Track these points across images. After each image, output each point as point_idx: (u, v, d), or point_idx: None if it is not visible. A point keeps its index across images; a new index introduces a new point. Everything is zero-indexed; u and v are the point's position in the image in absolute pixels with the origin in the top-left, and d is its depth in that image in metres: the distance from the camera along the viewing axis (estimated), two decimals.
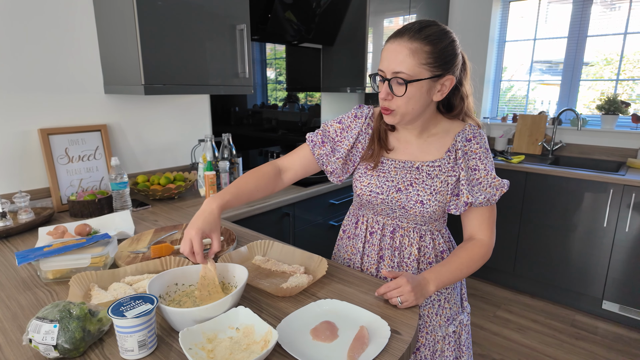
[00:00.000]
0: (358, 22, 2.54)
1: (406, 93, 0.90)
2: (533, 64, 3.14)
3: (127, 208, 1.56)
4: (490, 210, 1.01)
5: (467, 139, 1.00)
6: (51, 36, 1.56)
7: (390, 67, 0.90)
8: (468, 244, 1.01)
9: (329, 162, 1.08)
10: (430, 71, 0.90)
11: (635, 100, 2.77)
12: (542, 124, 2.97)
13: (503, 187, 0.99)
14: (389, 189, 1.03)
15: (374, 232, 1.10)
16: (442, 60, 0.90)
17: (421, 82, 0.90)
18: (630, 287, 2.34)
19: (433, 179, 1.00)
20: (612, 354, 2.18)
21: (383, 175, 1.04)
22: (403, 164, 1.03)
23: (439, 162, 1.01)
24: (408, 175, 1.02)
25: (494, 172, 1.00)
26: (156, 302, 0.73)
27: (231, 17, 1.71)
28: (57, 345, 0.69)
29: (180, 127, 2.05)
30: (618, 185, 2.28)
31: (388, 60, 0.91)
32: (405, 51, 0.88)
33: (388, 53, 0.91)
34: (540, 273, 2.66)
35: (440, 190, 1.00)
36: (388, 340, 0.75)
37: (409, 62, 0.88)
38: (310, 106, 2.80)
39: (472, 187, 0.98)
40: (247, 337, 0.75)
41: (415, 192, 1.00)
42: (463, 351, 1.14)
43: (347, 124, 1.09)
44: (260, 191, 1.01)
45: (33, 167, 1.59)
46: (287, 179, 1.10)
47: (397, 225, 1.07)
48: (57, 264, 0.97)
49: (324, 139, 1.10)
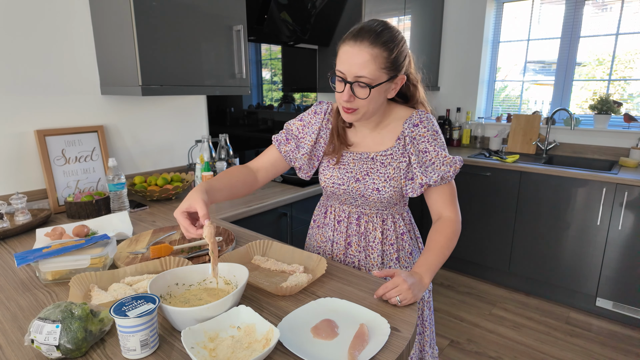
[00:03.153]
0: (354, 23, 2.53)
1: (369, 95, 0.95)
2: (527, 64, 3.17)
3: (125, 209, 1.56)
4: (449, 187, 1.07)
5: (414, 124, 1.05)
6: (47, 37, 1.55)
7: (352, 71, 0.94)
8: (438, 225, 1.06)
9: (296, 159, 1.15)
10: (387, 74, 0.96)
11: (627, 100, 2.81)
12: (536, 123, 3.00)
13: (456, 163, 1.04)
14: (349, 180, 1.11)
15: (341, 220, 1.18)
16: (397, 63, 0.97)
17: (381, 84, 0.96)
18: (623, 284, 2.37)
19: (386, 167, 1.08)
20: (606, 350, 2.20)
21: (343, 167, 1.12)
22: (360, 155, 1.11)
23: (391, 150, 1.08)
24: (364, 165, 1.10)
25: (445, 152, 1.05)
26: (158, 301, 0.73)
27: (228, 18, 1.72)
28: (60, 345, 0.69)
29: (177, 127, 2.05)
30: (611, 184, 2.31)
31: (349, 64, 0.94)
32: (366, 56, 0.93)
33: (349, 56, 0.94)
34: (535, 271, 2.69)
35: (393, 177, 1.07)
36: (388, 337, 0.76)
37: (370, 67, 0.93)
38: (305, 106, 2.81)
39: (426, 169, 1.04)
40: (248, 335, 0.75)
41: (371, 181, 1.08)
42: (426, 327, 1.20)
43: (307, 120, 1.16)
44: (233, 186, 1.05)
45: (30, 168, 1.58)
46: (261, 178, 1.15)
47: (362, 213, 1.15)
48: (56, 265, 0.97)
49: (287, 136, 1.16)
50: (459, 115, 3.46)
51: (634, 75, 2.76)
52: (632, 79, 2.77)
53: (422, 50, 3.20)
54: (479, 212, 2.87)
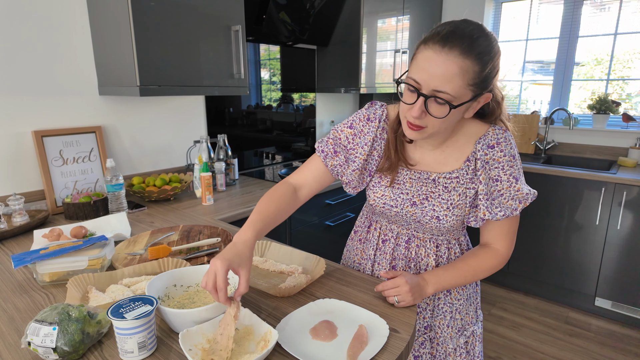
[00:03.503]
0: (352, 23, 2.55)
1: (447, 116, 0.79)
2: (525, 64, 3.17)
3: (123, 210, 1.55)
4: (510, 221, 0.93)
5: (489, 145, 0.89)
6: (45, 38, 1.55)
7: (432, 84, 0.77)
8: (481, 251, 0.95)
9: (344, 173, 0.99)
10: (473, 92, 0.79)
11: (626, 99, 2.81)
12: (535, 123, 3.01)
13: (527, 199, 0.89)
14: (404, 202, 0.96)
15: (387, 239, 1.04)
16: (488, 80, 0.80)
17: (463, 104, 0.79)
18: (622, 284, 2.37)
19: (450, 192, 0.92)
20: (605, 350, 2.21)
21: (398, 187, 0.97)
22: (419, 175, 0.95)
23: (457, 172, 0.92)
24: (424, 188, 0.95)
25: (520, 183, 0.89)
26: (156, 303, 0.73)
27: (226, 18, 1.71)
28: (57, 347, 0.69)
29: (175, 128, 2.05)
30: (610, 183, 2.31)
31: (429, 74, 0.76)
32: (455, 69, 0.75)
33: (431, 64, 0.76)
34: (534, 271, 2.69)
35: (458, 204, 0.92)
36: (387, 338, 0.76)
37: (456, 83, 0.76)
38: (304, 107, 2.81)
39: (492, 201, 0.90)
40: (246, 337, 0.75)
41: (430, 207, 0.93)
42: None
43: (359, 128, 0.98)
44: (283, 213, 0.91)
45: (27, 169, 1.57)
46: (303, 196, 1.00)
47: (413, 235, 1.01)
48: (54, 267, 0.97)
49: (336, 148, 0.99)
50: None
51: (632, 75, 2.76)
52: (630, 78, 2.77)
53: None
54: None
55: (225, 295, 0.71)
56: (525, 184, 0.92)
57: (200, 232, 1.30)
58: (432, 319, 1.05)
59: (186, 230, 1.32)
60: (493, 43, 0.79)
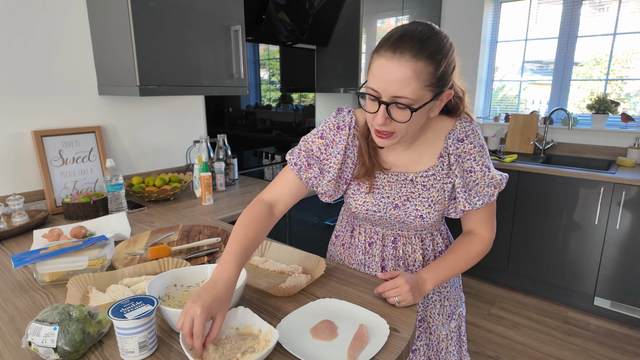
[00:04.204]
0: (352, 23, 2.55)
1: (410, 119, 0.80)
2: (524, 64, 3.18)
3: (123, 210, 1.55)
4: (488, 207, 0.97)
5: (458, 139, 0.93)
6: (44, 38, 1.55)
7: (389, 91, 0.78)
8: (466, 239, 0.99)
9: (320, 184, 0.98)
10: (432, 92, 0.80)
11: (624, 99, 2.82)
12: (534, 123, 3.01)
13: (501, 184, 0.94)
14: (386, 206, 0.97)
15: (374, 242, 1.05)
16: (445, 78, 0.80)
17: (424, 105, 0.80)
18: (621, 283, 2.38)
19: (429, 190, 0.95)
20: (604, 349, 2.21)
21: (378, 191, 0.98)
22: (396, 177, 0.97)
23: (432, 170, 0.95)
24: (403, 189, 0.96)
25: (492, 170, 0.94)
26: (156, 303, 0.73)
27: (226, 18, 1.71)
28: (57, 347, 0.69)
29: (175, 128, 2.05)
30: (609, 183, 2.31)
31: (385, 81, 0.77)
32: (408, 73, 0.75)
33: (385, 72, 0.77)
34: (533, 271, 2.70)
35: (438, 200, 0.95)
36: (387, 338, 0.76)
37: (413, 86, 0.76)
38: (304, 107, 2.81)
39: (469, 192, 0.94)
40: (247, 337, 0.75)
41: (413, 208, 0.95)
42: (463, 341, 1.15)
43: (330, 137, 0.97)
44: (261, 236, 0.88)
45: (27, 169, 1.57)
46: (279, 212, 0.96)
47: (398, 234, 1.03)
48: (54, 267, 0.97)
49: (309, 160, 0.97)
50: None
51: (631, 74, 2.76)
52: (629, 78, 2.77)
53: None
54: None
55: (201, 343, 0.68)
56: (495, 169, 0.96)
57: (200, 232, 1.30)
58: (425, 310, 1.08)
59: (186, 230, 1.32)
60: (444, 41, 0.80)
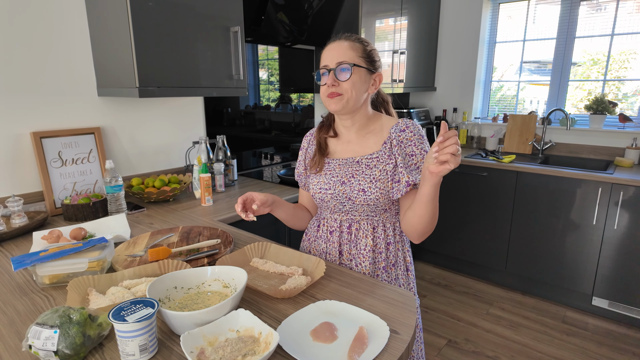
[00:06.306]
0: (351, 24, 2.55)
1: (351, 77, 1.04)
2: (522, 64, 3.19)
3: (122, 211, 1.55)
4: None
5: (400, 130, 1.10)
6: (44, 39, 1.54)
7: (334, 59, 1.06)
8: None
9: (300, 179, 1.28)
10: (365, 64, 1.07)
11: (622, 100, 2.83)
12: (532, 123, 3.02)
13: None
14: (335, 184, 1.14)
15: (333, 230, 1.19)
16: (372, 59, 1.09)
17: (361, 69, 1.06)
18: (619, 283, 2.39)
19: (372, 169, 1.10)
20: (603, 349, 2.22)
21: (329, 173, 1.16)
22: (345, 160, 1.15)
23: (377, 154, 1.11)
24: (350, 169, 1.13)
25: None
26: (157, 306, 0.73)
27: (225, 19, 1.71)
28: (58, 351, 0.69)
29: (174, 129, 2.05)
30: (606, 183, 2.32)
31: (331, 55, 1.06)
32: (345, 45, 1.06)
33: (330, 51, 1.07)
34: (532, 271, 2.70)
35: (379, 178, 1.09)
36: (387, 340, 0.77)
37: (350, 54, 1.05)
38: (303, 107, 2.81)
39: (412, 171, 1.07)
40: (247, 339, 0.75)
41: (357, 183, 1.10)
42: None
43: (305, 146, 1.27)
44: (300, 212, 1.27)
45: (26, 170, 1.57)
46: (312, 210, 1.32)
47: (352, 220, 1.16)
48: (54, 269, 0.97)
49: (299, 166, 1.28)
50: (456, 115, 3.47)
51: (628, 75, 2.77)
52: (626, 79, 2.78)
53: (419, 51, 3.21)
54: (475, 212, 2.88)
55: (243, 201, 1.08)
56: None
57: (200, 234, 1.30)
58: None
59: (186, 232, 1.32)
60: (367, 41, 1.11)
